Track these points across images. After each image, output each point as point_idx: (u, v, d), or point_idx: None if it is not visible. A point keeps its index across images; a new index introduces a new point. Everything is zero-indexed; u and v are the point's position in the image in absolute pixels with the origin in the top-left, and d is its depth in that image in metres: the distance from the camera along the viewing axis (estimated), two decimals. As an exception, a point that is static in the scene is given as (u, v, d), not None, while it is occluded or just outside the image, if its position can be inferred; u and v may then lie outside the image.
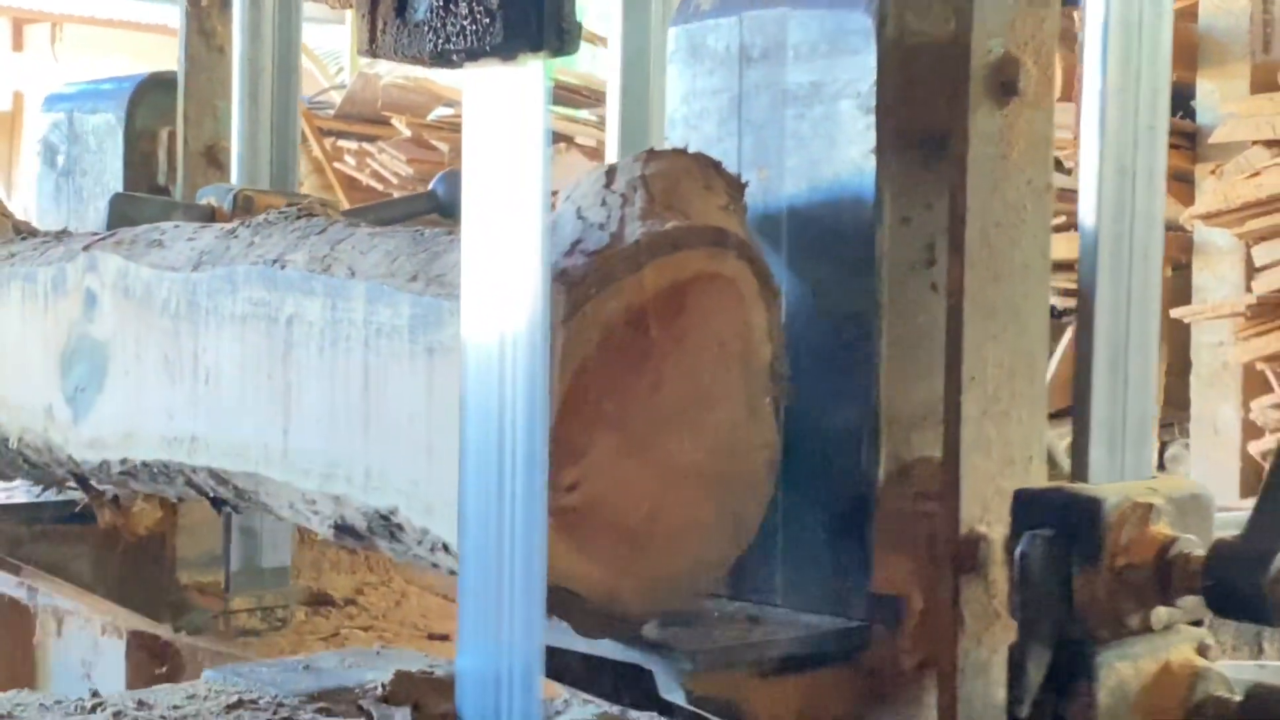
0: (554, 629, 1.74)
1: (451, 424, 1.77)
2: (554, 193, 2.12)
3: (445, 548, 1.81)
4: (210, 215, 3.03)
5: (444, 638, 3.20)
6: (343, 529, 1.98)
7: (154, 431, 2.22)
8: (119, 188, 3.54)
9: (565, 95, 6.76)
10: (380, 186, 6.24)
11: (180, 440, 2.16)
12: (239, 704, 1.83)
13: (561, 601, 1.72)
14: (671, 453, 1.78)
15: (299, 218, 2.13)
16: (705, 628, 1.84)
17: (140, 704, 1.81)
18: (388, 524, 1.89)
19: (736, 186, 1.85)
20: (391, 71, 6.88)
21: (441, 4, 1.66)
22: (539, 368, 1.65)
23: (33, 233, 2.76)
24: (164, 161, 3.59)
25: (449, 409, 1.78)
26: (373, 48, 1.74)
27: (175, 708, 1.79)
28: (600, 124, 6.14)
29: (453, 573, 1.84)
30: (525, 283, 1.65)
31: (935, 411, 1.86)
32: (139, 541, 3.16)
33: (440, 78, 6.43)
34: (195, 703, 1.81)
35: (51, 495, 3.06)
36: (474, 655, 1.72)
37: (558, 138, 5.96)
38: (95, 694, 1.88)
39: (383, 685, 1.86)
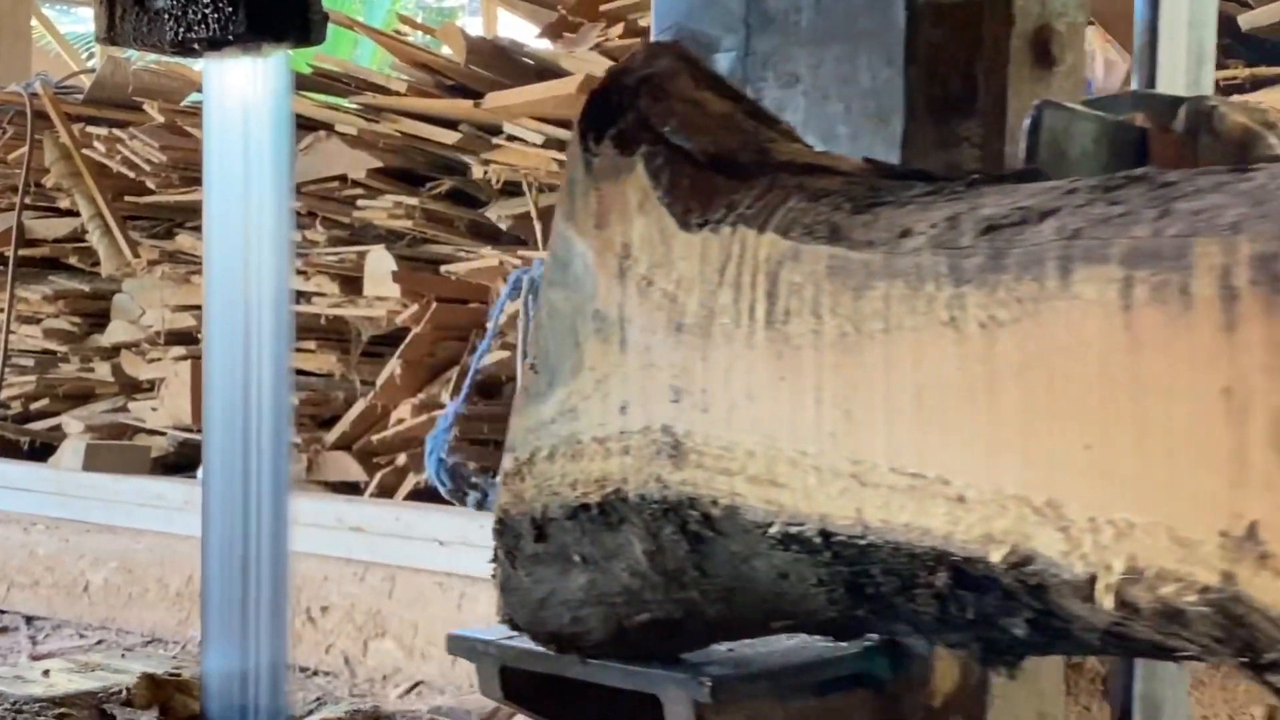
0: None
1: None
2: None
3: None
4: (1140, 139, 1.99)
5: None
6: None
7: None
8: (891, 103, 2.04)
9: (325, 83, 6.59)
10: (132, 174, 5.99)
11: None
12: (-31, 714, 1.77)
13: None
14: None
15: None
16: None
17: (-128, 715, 1.75)
18: None
19: None
20: (143, 56, 6.67)
21: (183, -9, 1.66)
22: (283, 353, 1.64)
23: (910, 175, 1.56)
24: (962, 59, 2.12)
25: None
26: (111, 35, 1.71)
27: (-98, 719, 1.75)
28: (362, 111, 5.96)
29: None
30: (268, 273, 1.64)
31: None
32: (931, 715, 2.01)
33: (195, 63, 6.25)
34: (-74, 714, 1.77)
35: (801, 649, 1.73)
36: (220, 656, 1.71)
37: (317, 125, 5.77)
38: None
39: (128, 689, 1.79)
